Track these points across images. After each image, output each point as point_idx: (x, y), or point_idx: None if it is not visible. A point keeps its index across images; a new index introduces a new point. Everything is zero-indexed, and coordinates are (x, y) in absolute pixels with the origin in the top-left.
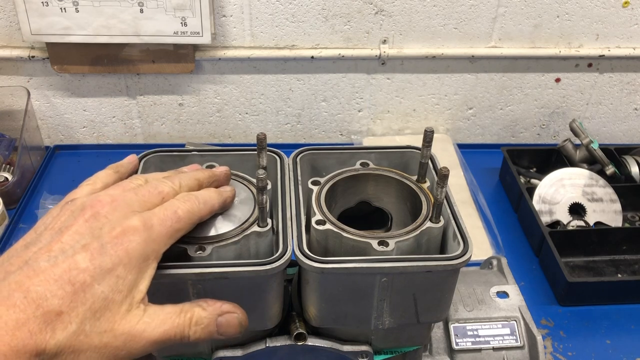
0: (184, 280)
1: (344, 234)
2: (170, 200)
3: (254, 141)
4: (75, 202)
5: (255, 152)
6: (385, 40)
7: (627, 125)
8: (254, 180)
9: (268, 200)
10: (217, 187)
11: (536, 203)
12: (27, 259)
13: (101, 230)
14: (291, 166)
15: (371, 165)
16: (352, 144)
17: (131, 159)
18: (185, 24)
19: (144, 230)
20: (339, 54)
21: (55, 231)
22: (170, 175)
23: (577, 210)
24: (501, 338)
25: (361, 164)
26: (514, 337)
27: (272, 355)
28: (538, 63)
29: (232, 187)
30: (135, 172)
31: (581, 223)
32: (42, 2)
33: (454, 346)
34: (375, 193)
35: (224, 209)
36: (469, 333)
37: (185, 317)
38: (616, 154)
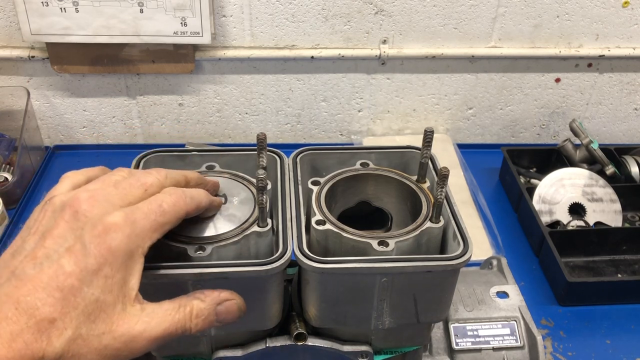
0: (184, 280)
1: (344, 234)
2: (156, 194)
3: (254, 141)
4: (54, 201)
5: (255, 152)
6: (385, 40)
7: (627, 125)
8: (254, 180)
9: (268, 200)
10: None
11: (536, 203)
12: (13, 269)
13: (82, 230)
14: (291, 166)
15: (371, 165)
16: (352, 144)
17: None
18: (185, 24)
19: (126, 225)
20: (339, 54)
21: (38, 236)
22: (157, 168)
23: (577, 210)
24: (501, 338)
25: (361, 164)
26: (514, 337)
27: (272, 355)
28: (538, 63)
29: (220, 198)
30: None
31: (581, 223)
32: (42, 2)
33: (454, 346)
34: (375, 193)
35: (210, 212)
36: (469, 333)
37: (184, 312)
38: (616, 154)
